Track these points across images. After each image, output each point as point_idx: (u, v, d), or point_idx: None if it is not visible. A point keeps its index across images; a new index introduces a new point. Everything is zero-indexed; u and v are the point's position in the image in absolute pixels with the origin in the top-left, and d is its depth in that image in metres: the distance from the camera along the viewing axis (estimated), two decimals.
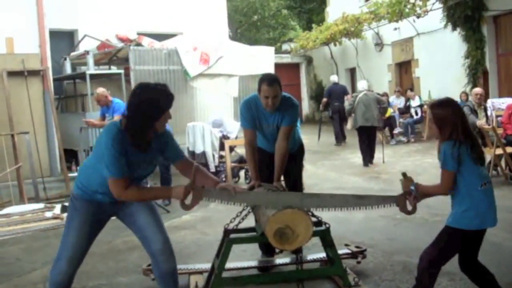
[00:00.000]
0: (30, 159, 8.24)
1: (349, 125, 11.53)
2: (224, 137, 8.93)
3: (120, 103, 8.20)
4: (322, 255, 4.48)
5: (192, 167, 3.49)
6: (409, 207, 3.49)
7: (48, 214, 7.38)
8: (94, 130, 8.71)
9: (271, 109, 4.38)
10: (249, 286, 3.98)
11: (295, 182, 4.54)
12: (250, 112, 4.49)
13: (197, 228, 6.44)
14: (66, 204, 7.08)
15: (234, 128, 9.08)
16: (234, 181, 9.30)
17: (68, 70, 11.00)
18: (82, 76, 10.23)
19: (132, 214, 3.48)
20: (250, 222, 4.12)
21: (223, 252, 3.71)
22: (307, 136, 16.92)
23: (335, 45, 20.43)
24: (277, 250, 3.67)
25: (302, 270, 3.80)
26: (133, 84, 9.63)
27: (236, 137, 9.31)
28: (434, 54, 15.24)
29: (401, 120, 14.10)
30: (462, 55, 13.83)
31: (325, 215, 6.49)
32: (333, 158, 12.03)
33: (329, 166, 10.99)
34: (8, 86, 8.52)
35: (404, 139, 13.57)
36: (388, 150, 12.51)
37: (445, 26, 14.12)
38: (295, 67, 24.19)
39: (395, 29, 16.87)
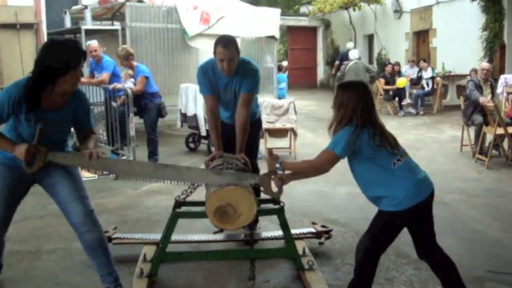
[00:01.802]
0: None
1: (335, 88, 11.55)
2: None
3: (109, 61, 7.97)
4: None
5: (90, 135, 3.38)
6: (274, 188, 3.23)
7: None
8: (89, 87, 8.50)
9: (227, 73, 4.10)
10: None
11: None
12: (206, 77, 4.22)
13: (173, 194, 6.24)
14: None
15: None
16: None
17: (68, 24, 10.71)
18: (79, 31, 9.97)
19: (53, 185, 3.34)
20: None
21: (168, 226, 3.52)
22: (319, 103, 16.64)
23: (354, 10, 19.87)
24: (216, 229, 3.43)
25: (252, 249, 3.59)
26: (128, 42, 9.38)
27: None
28: (452, 24, 14.63)
29: (413, 91, 13.62)
30: (480, 27, 13.23)
31: (309, 187, 6.36)
32: None
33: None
34: (1, 39, 8.32)
35: (413, 111, 13.15)
36: (394, 121, 12.17)
37: None
38: (312, 30, 23.63)
39: None
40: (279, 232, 4.22)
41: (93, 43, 8.04)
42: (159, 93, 7.71)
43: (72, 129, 3.46)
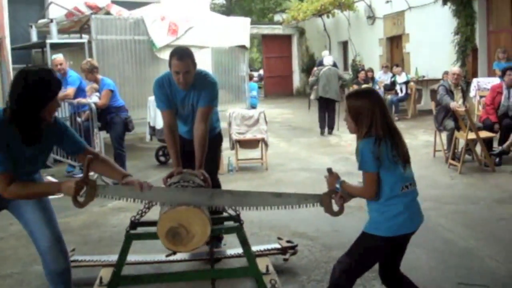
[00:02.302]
0: None
1: (312, 95, 11.95)
2: None
3: (74, 76, 7.79)
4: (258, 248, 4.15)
5: (97, 158, 3.16)
6: (335, 208, 3.06)
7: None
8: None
9: (183, 86, 3.97)
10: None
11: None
12: (162, 91, 4.08)
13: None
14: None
15: None
16: None
17: (34, 38, 10.49)
18: (45, 45, 9.73)
19: (19, 207, 3.16)
20: None
21: (122, 248, 3.34)
22: (294, 111, 16.57)
23: (328, 17, 19.92)
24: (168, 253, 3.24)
25: (212, 269, 3.43)
26: (95, 55, 9.19)
27: None
28: (424, 29, 14.66)
29: (387, 97, 13.58)
30: (452, 31, 13.26)
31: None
32: (311, 135, 11.61)
33: (303, 144, 10.60)
34: None
35: None
36: None
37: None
38: (287, 38, 23.68)
39: (387, 1, 16.34)
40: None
41: (58, 57, 7.85)
42: (125, 107, 7.53)
43: None
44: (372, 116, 2.77)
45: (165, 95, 4.10)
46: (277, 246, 4.17)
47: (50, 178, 7.73)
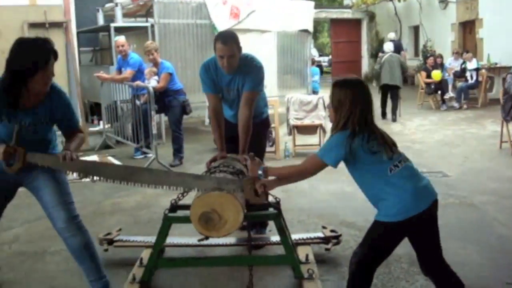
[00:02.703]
0: None
1: (374, 83, 12.02)
2: None
3: (135, 57, 7.93)
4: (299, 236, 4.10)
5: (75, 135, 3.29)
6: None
7: None
8: (116, 85, 8.48)
9: (227, 70, 3.94)
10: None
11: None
12: (209, 75, 4.07)
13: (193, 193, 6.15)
14: None
15: None
16: None
17: (101, 22, 10.80)
18: (109, 28, 9.96)
19: (37, 190, 3.28)
20: None
21: (159, 231, 3.37)
22: None
23: (399, 1, 19.31)
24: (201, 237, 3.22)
25: (248, 256, 3.40)
26: (157, 39, 9.32)
27: None
28: (500, 14, 13.91)
29: (459, 83, 13.03)
30: None
31: (331, 187, 6.11)
32: (376, 122, 11.28)
33: None
34: None
35: (456, 104, 12.60)
36: (435, 116, 11.74)
37: None
38: (356, 23, 23.15)
39: None
40: (292, 236, 4.04)
41: (120, 39, 8.01)
42: (183, 90, 7.60)
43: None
44: (352, 108, 2.67)
45: (211, 79, 4.09)
46: (320, 235, 4.08)
47: (111, 159, 7.97)
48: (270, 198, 3.53)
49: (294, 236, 4.07)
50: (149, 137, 7.48)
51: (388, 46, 11.81)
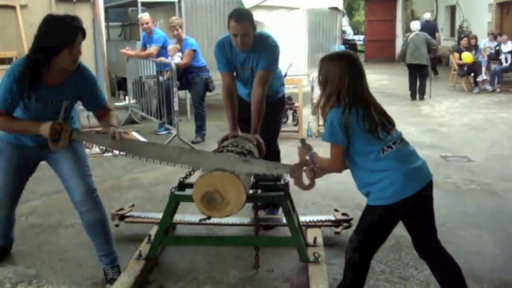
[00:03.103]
0: None
1: (403, 62, 11.84)
2: None
3: (160, 33, 7.92)
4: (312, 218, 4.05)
5: (107, 112, 3.29)
6: (306, 181, 2.87)
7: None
8: (142, 60, 8.50)
9: (241, 49, 3.90)
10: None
11: (265, 144, 3.91)
12: (223, 53, 4.03)
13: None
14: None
15: (283, 66, 8.43)
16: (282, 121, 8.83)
17: None
18: (136, 4, 9.93)
19: (57, 161, 3.30)
20: None
21: (166, 209, 3.37)
22: (392, 77, 15.97)
23: None
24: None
25: (253, 237, 3.37)
26: (184, 15, 9.28)
27: (285, 76, 8.74)
28: None
29: (493, 66, 12.63)
30: None
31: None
32: (403, 103, 11.12)
33: (393, 112, 9.60)
34: (57, 13, 8.42)
35: (489, 87, 12.26)
36: (466, 99, 11.45)
37: None
38: (391, 1, 22.64)
39: None
40: (302, 218, 4.00)
41: (144, 16, 8.01)
42: (207, 67, 7.56)
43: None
44: (340, 83, 2.57)
45: (225, 57, 4.06)
46: (332, 218, 4.03)
47: (135, 134, 8.03)
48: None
49: (305, 218, 4.03)
50: (171, 113, 7.48)
51: (415, 25, 11.75)
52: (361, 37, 30.30)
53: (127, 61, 8.89)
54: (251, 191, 3.41)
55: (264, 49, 3.94)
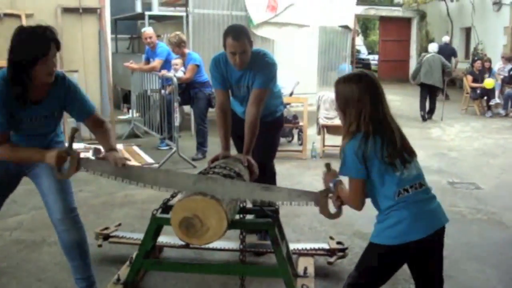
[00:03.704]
0: None
1: (414, 81, 11.84)
2: None
3: (163, 47, 7.81)
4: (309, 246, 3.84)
5: (102, 127, 3.09)
6: (333, 209, 2.65)
7: (84, 155, 7.25)
8: (146, 74, 8.37)
9: (240, 68, 3.73)
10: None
11: (260, 165, 3.69)
12: (218, 70, 3.87)
13: None
14: (99, 147, 6.83)
15: (289, 84, 8.32)
16: (287, 140, 8.66)
17: (139, 9, 10.74)
18: (143, 16, 9.85)
19: (38, 176, 3.12)
20: None
21: (146, 231, 3.17)
22: (404, 98, 15.71)
23: (451, 0, 18.60)
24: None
25: (238, 265, 3.17)
26: (191, 29, 9.16)
27: (291, 94, 8.58)
28: None
29: (507, 90, 12.35)
30: None
31: None
32: (413, 125, 10.88)
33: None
34: (62, 23, 8.34)
35: (502, 112, 11.99)
36: (478, 123, 11.18)
37: None
38: (406, 22, 22.53)
39: None
40: (294, 245, 3.81)
41: (148, 30, 7.91)
42: (210, 82, 7.38)
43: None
44: (360, 106, 2.34)
45: (220, 75, 3.90)
46: (326, 246, 3.81)
47: (136, 149, 7.87)
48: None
49: (297, 246, 3.84)
50: (172, 128, 7.33)
51: (433, 47, 11.81)
52: (376, 56, 30.12)
53: (131, 74, 8.78)
54: (238, 216, 3.22)
55: (261, 66, 3.78)
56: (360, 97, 2.35)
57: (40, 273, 3.72)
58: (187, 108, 8.98)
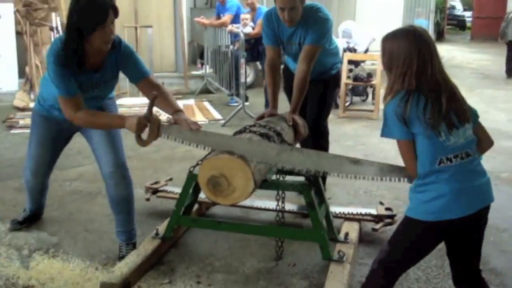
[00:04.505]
0: (149, 53, 8.23)
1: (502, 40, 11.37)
2: (350, 50, 7.91)
3: (233, 1, 7.68)
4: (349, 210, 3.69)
5: (158, 91, 2.93)
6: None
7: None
8: (219, 29, 8.31)
9: (289, 25, 3.59)
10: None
11: (312, 123, 3.52)
12: (270, 26, 3.74)
13: None
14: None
15: (364, 40, 7.97)
16: (361, 99, 8.38)
17: None
18: None
19: (88, 131, 3.17)
20: None
21: (183, 188, 3.17)
22: (495, 58, 14.74)
23: None
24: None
25: (274, 227, 3.09)
26: None
27: (366, 50, 8.22)
28: None
29: None
30: None
31: None
32: (500, 87, 10.19)
33: (485, 96, 9.30)
34: None
35: None
36: None
37: None
38: None
39: None
40: (340, 209, 3.67)
41: None
42: None
43: None
44: (406, 63, 2.10)
45: (272, 30, 3.78)
46: (373, 211, 3.63)
47: (206, 105, 7.92)
48: None
49: (343, 210, 3.69)
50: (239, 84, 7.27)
51: None
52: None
53: (205, 29, 8.75)
54: (274, 177, 3.13)
55: (313, 22, 3.60)
56: (406, 54, 2.12)
57: (88, 223, 3.82)
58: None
